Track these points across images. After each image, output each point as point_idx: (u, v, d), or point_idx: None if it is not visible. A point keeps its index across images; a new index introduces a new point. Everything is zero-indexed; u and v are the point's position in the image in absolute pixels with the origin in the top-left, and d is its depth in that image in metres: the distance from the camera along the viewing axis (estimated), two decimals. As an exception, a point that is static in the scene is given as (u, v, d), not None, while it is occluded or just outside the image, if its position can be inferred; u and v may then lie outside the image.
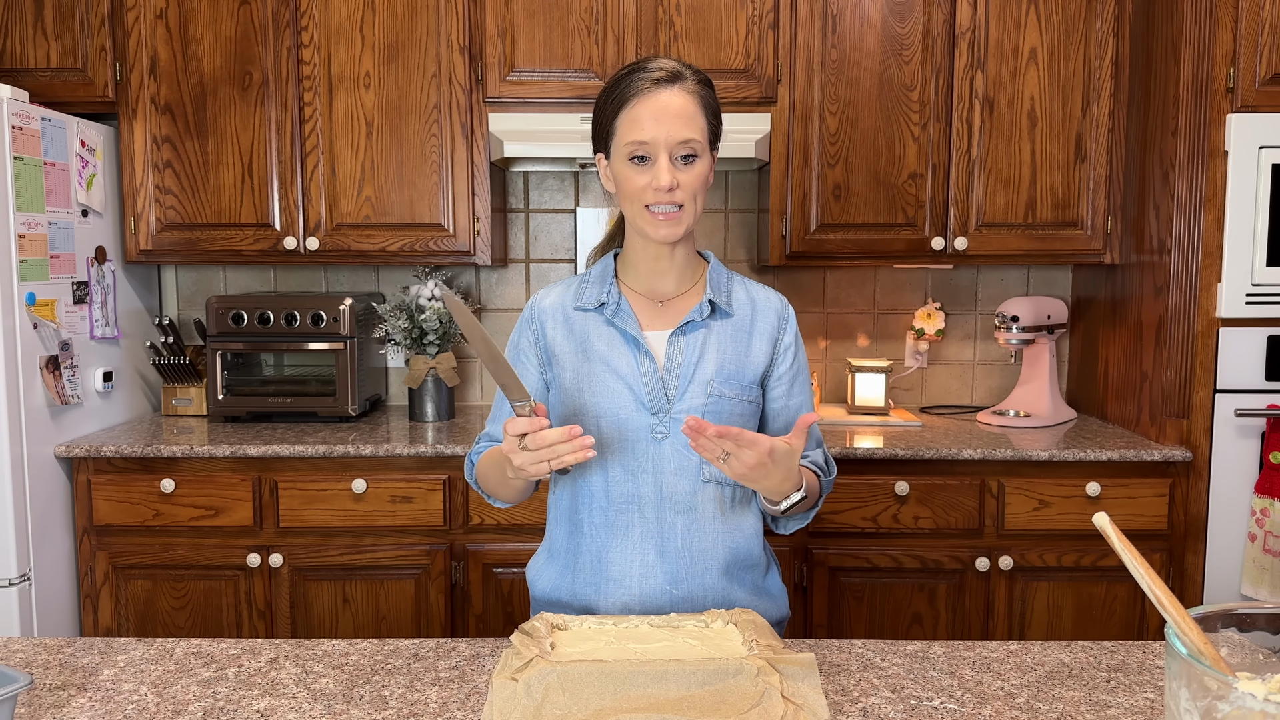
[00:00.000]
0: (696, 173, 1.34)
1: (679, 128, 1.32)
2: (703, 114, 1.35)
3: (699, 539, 1.39)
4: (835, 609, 2.52)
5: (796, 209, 2.73)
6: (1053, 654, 1.23)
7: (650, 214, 1.34)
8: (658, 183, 1.32)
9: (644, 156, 1.33)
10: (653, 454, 1.37)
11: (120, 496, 2.48)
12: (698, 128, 1.33)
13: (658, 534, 1.38)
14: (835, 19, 2.67)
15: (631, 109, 1.33)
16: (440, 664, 1.20)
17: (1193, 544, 2.46)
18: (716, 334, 1.41)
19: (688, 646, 1.15)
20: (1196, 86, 2.37)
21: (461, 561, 2.51)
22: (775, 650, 1.11)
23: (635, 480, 1.38)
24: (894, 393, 3.12)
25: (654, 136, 1.32)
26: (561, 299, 1.45)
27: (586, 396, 1.39)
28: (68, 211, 2.53)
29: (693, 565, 1.38)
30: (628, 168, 1.35)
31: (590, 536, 1.40)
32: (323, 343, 2.75)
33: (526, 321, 1.46)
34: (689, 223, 1.37)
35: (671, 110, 1.32)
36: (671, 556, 1.38)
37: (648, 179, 1.33)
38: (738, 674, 1.04)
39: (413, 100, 2.69)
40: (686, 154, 1.33)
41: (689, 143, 1.32)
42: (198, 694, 1.11)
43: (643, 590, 1.38)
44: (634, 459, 1.37)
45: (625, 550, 1.38)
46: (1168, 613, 0.78)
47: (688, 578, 1.38)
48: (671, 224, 1.35)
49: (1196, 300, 2.41)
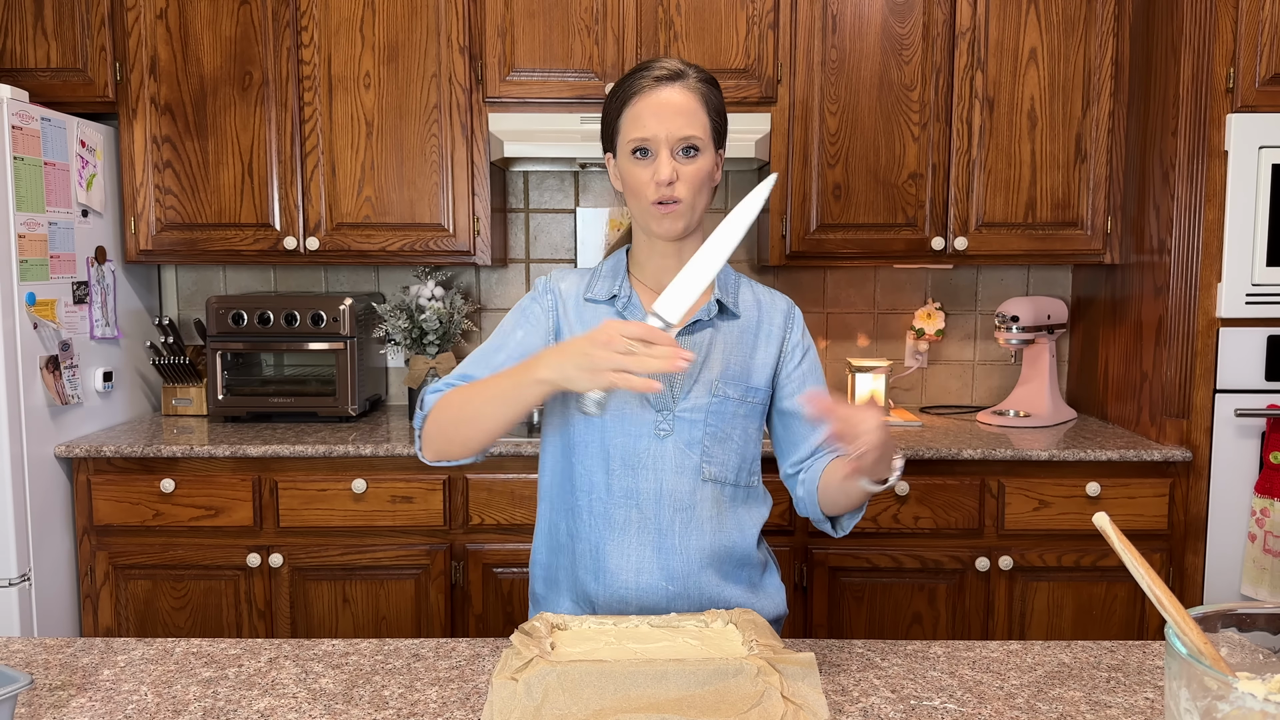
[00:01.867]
0: (698, 167, 1.36)
1: (679, 123, 1.34)
2: (704, 110, 1.36)
3: (696, 537, 1.39)
4: (835, 609, 2.52)
5: (796, 209, 2.73)
6: (1053, 654, 1.23)
7: (654, 208, 1.36)
8: (658, 175, 1.34)
9: (646, 150, 1.35)
10: (654, 451, 1.38)
11: (120, 496, 2.48)
12: (699, 124, 1.35)
13: (655, 530, 1.38)
14: (835, 19, 2.67)
15: (634, 106, 1.36)
16: (440, 664, 1.20)
17: (1193, 544, 2.46)
18: (723, 335, 1.42)
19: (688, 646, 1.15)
20: (1196, 86, 2.37)
21: (461, 561, 2.51)
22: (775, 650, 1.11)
23: (635, 476, 1.38)
24: (894, 393, 3.12)
25: (654, 132, 1.34)
26: (576, 286, 1.46)
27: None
28: (68, 211, 2.53)
29: (689, 563, 1.39)
30: (631, 163, 1.37)
31: (589, 527, 1.40)
32: (323, 343, 2.75)
33: (542, 293, 1.45)
34: (691, 218, 1.38)
35: (672, 106, 1.34)
36: (668, 553, 1.38)
37: (650, 173, 1.35)
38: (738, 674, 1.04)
39: (413, 100, 2.69)
40: (687, 148, 1.35)
41: (689, 138, 1.34)
42: (198, 694, 1.11)
43: (639, 585, 1.38)
44: (635, 455, 1.38)
45: (623, 545, 1.39)
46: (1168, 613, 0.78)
47: (684, 575, 1.38)
48: (672, 218, 1.36)
49: (1196, 300, 2.41)
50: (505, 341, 1.43)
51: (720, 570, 1.41)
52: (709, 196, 1.40)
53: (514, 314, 1.46)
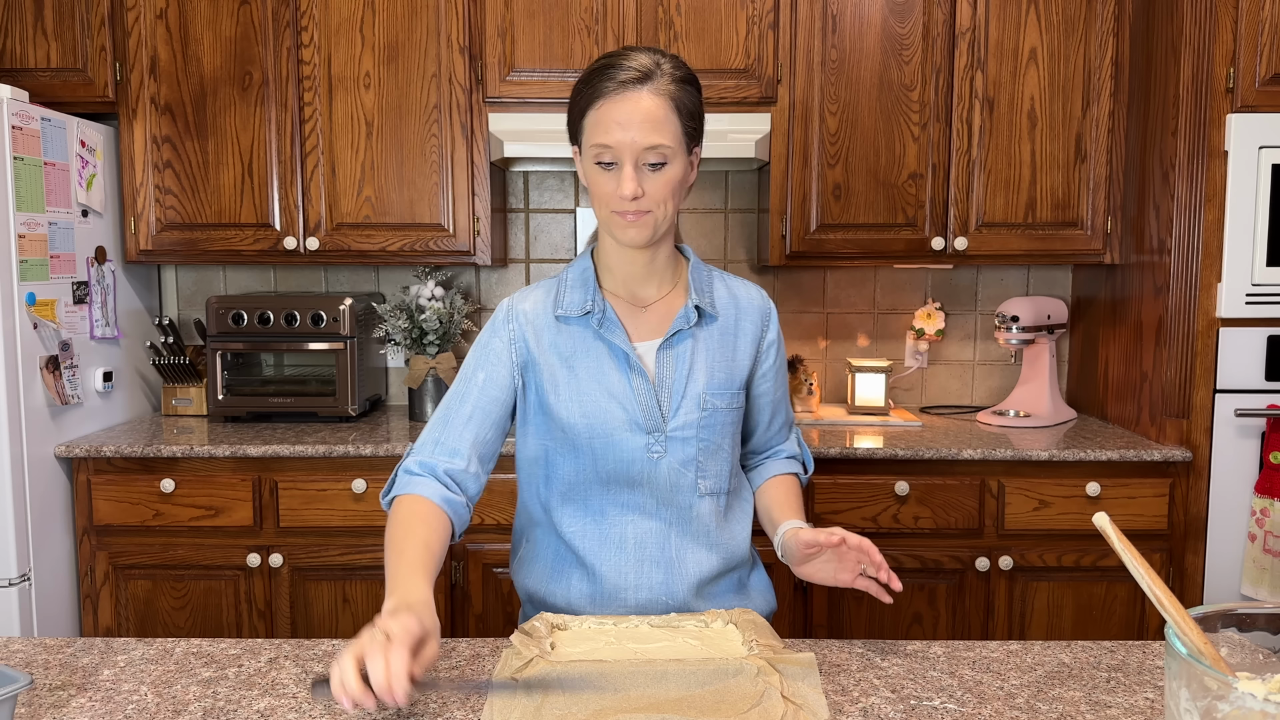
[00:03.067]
0: (665, 179, 1.27)
1: (645, 133, 1.24)
2: (675, 115, 1.27)
3: (692, 550, 1.37)
4: (835, 609, 2.52)
5: (796, 209, 2.73)
6: (1053, 654, 1.23)
7: (618, 217, 1.29)
8: (621, 191, 1.25)
9: (610, 162, 1.27)
10: (648, 473, 1.35)
11: (120, 496, 2.48)
12: (668, 132, 1.26)
13: (656, 546, 1.36)
14: (835, 19, 2.67)
15: (598, 110, 1.26)
16: (440, 664, 1.20)
17: (1193, 544, 2.46)
18: (704, 342, 1.37)
19: (688, 647, 1.15)
20: (1196, 86, 2.37)
21: (461, 561, 2.51)
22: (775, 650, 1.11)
23: (631, 495, 1.36)
24: (894, 393, 3.12)
25: (618, 141, 1.25)
26: (541, 304, 1.38)
27: (577, 416, 1.34)
28: (68, 211, 2.53)
29: (687, 576, 1.37)
30: (594, 171, 1.29)
31: (583, 550, 1.37)
32: (323, 343, 2.75)
33: (502, 323, 1.38)
34: (656, 227, 1.30)
35: (638, 115, 1.24)
36: (666, 567, 1.36)
37: (613, 185, 1.27)
38: (738, 674, 1.04)
39: (413, 100, 2.69)
40: (654, 161, 1.26)
41: (657, 149, 1.25)
42: (198, 694, 1.11)
43: (638, 601, 1.36)
44: (628, 477, 1.35)
45: (620, 564, 1.36)
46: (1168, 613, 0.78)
47: (684, 589, 1.37)
48: (639, 228, 1.29)
49: (1196, 300, 2.41)
50: (468, 389, 1.37)
51: (716, 578, 1.41)
52: (680, 200, 1.32)
53: (474, 352, 1.40)
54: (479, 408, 1.36)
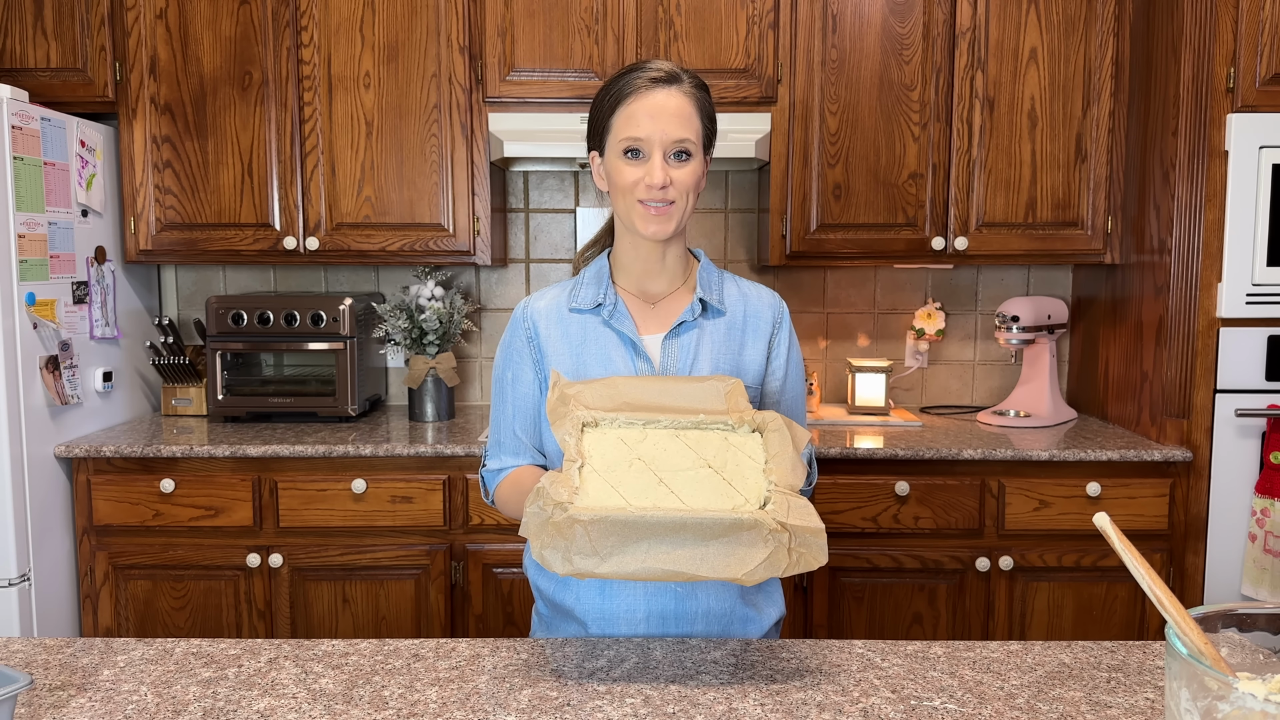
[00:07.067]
0: (689, 171, 1.36)
1: (674, 126, 1.34)
2: (698, 116, 1.37)
3: None
4: (835, 609, 2.51)
5: (796, 209, 2.73)
6: (1053, 654, 1.23)
7: (642, 208, 1.36)
8: (650, 179, 1.33)
9: (638, 151, 1.35)
10: None
11: (120, 496, 2.48)
12: (692, 129, 1.35)
13: None
14: (835, 19, 2.67)
15: (628, 106, 1.35)
16: (440, 664, 1.20)
17: (1193, 544, 2.46)
18: (709, 334, 1.42)
19: (709, 478, 1.16)
20: (1197, 86, 2.37)
21: (461, 561, 2.51)
22: (789, 494, 1.13)
23: None
24: (894, 393, 3.12)
25: (649, 133, 1.33)
26: (556, 300, 1.45)
27: None
28: (67, 211, 2.53)
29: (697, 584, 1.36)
30: (622, 162, 1.36)
31: None
32: (322, 343, 2.75)
33: (519, 321, 1.45)
34: (679, 220, 1.38)
35: (668, 109, 1.34)
36: None
37: (641, 174, 1.35)
38: (753, 527, 1.09)
39: (413, 100, 2.69)
40: (680, 152, 1.35)
41: (683, 141, 1.34)
42: (198, 694, 1.11)
43: (649, 610, 1.36)
44: None
45: None
46: (1168, 613, 0.78)
47: (694, 590, 1.37)
48: (663, 219, 1.36)
49: (1196, 300, 2.41)
50: (503, 389, 1.46)
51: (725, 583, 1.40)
52: (696, 199, 1.41)
53: (501, 355, 1.47)
54: (517, 405, 1.45)
